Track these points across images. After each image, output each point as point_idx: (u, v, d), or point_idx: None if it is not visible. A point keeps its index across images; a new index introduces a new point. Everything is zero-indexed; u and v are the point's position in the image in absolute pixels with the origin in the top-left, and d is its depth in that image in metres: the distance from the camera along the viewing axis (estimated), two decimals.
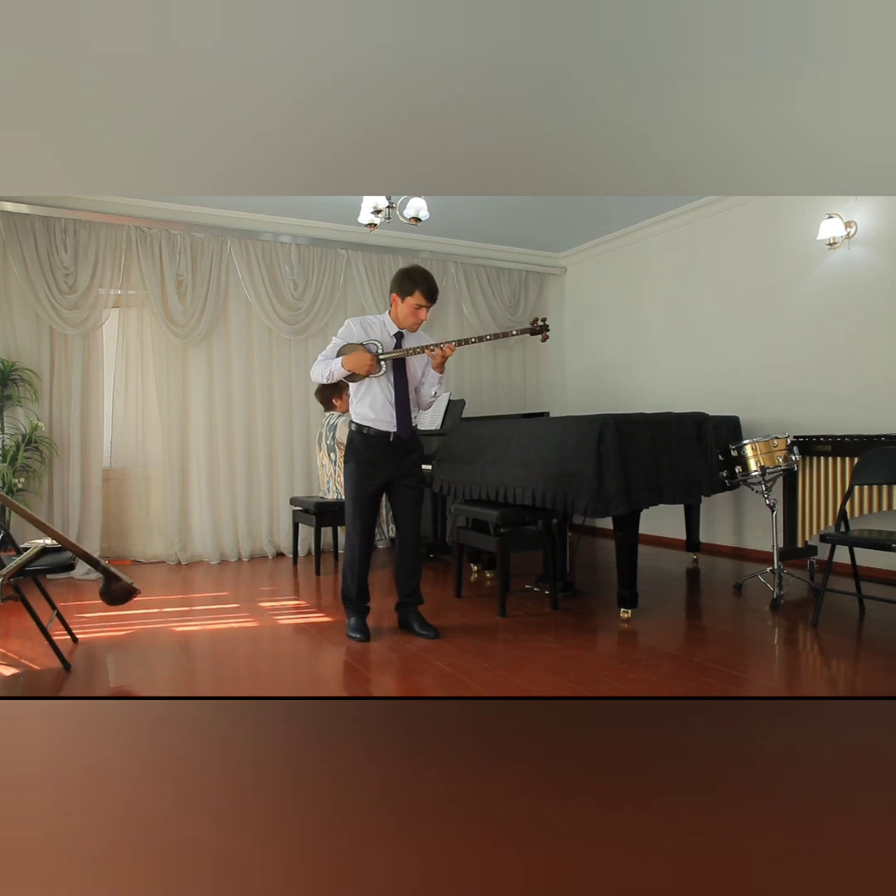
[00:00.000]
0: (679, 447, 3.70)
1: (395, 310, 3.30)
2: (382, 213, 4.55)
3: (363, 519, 3.31)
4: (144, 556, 5.42)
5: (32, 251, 4.84)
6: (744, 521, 5.30)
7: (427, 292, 3.22)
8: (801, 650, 3.17)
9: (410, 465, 3.35)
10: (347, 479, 3.32)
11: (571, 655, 3.05)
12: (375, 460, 3.27)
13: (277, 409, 5.73)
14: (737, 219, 5.30)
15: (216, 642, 3.38)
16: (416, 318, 3.27)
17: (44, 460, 4.89)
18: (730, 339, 5.37)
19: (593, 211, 5.79)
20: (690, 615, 3.83)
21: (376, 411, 3.26)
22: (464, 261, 6.49)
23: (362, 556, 3.33)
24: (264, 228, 5.62)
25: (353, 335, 3.29)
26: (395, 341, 3.31)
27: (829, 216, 4.51)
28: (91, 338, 5.14)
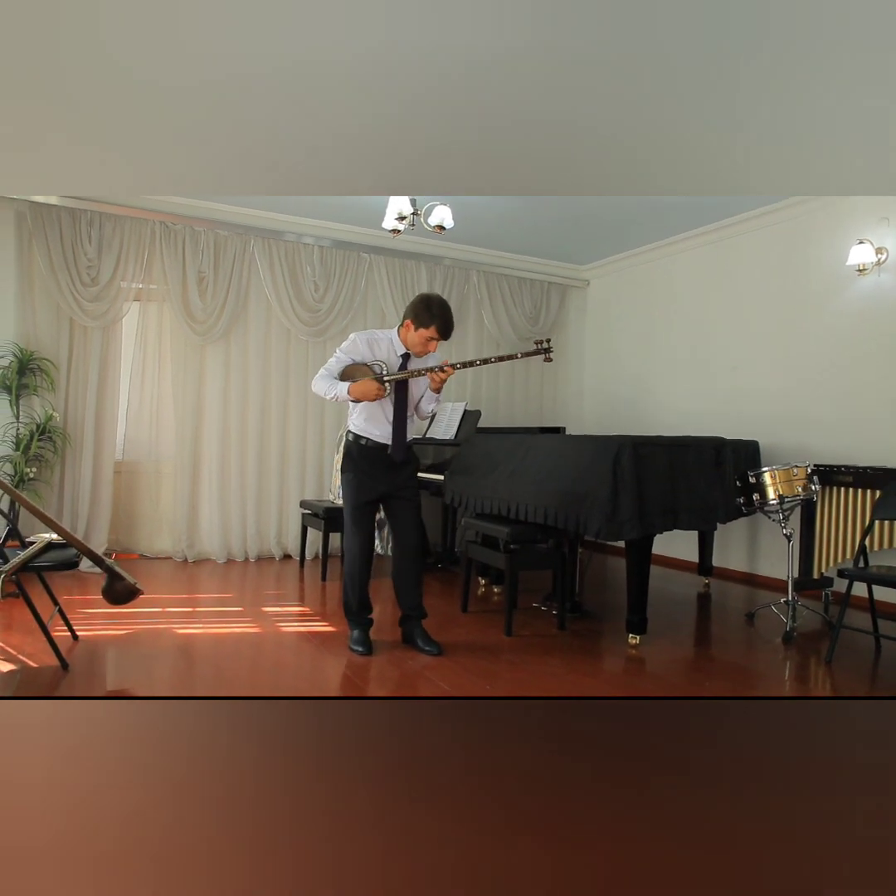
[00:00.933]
0: (697, 472, 3.63)
1: (405, 333, 3.24)
2: (407, 219, 4.51)
3: (361, 530, 3.27)
4: (151, 551, 5.41)
5: (57, 242, 4.85)
6: (758, 548, 5.20)
7: (443, 329, 3.18)
8: (813, 689, 3.09)
9: (407, 478, 3.32)
10: (344, 489, 3.29)
11: (576, 682, 2.98)
12: (372, 471, 3.25)
13: (292, 411, 5.70)
14: (764, 241, 5.21)
15: (217, 648, 3.34)
16: (426, 348, 3.23)
17: (56, 451, 4.88)
18: (752, 362, 5.28)
19: (617, 224, 5.72)
20: (700, 644, 3.76)
21: (374, 426, 3.24)
22: (486, 269, 6.44)
23: (362, 568, 3.29)
24: (288, 229, 5.60)
25: (358, 353, 3.25)
26: (400, 361, 3.26)
27: (860, 241, 4.42)
28: (110, 330, 5.14)
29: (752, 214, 5.21)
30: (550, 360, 3.38)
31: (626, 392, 6.52)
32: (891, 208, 4.37)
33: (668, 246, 6.02)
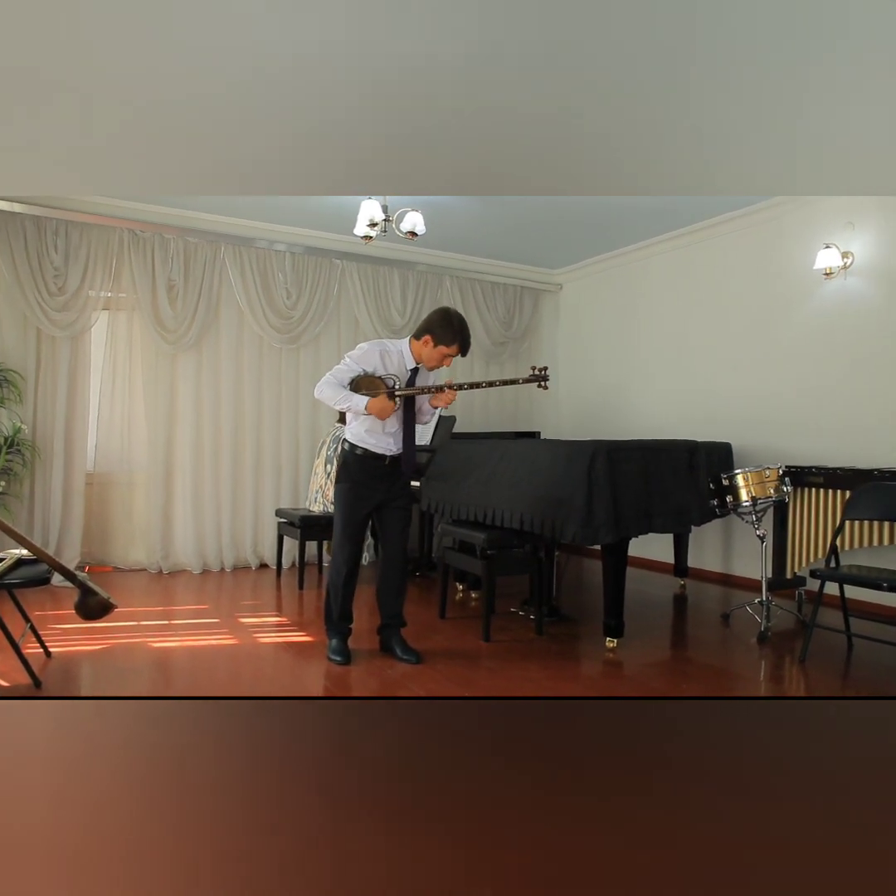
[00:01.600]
0: (671, 475, 3.66)
1: (421, 347, 3.20)
2: (379, 225, 4.50)
3: (352, 541, 3.25)
4: (126, 563, 5.33)
5: (22, 251, 4.77)
6: (732, 548, 5.26)
7: (465, 347, 3.21)
8: (788, 688, 3.13)
9: (401, 488, 3.31)
10: (339, 500, 3.26)
11: (554, 687, 2.99)
12: (370, 482, 3.22)
13: (266, 419, 5.66)
14: (734, 244, 5.28)
15: (194, 660, 3.31)
16: (441, 364, 3.23)
17: (26, 463, 4.80)
18: (724, 364, 5.34)
19: (590, 228, 5.75)
20: (676, 645, 3.79)
21: (374, 438, 3.21)
22: (459, 274, 6.46)
23: (348, 579, 3.27)
24: (259, 235, 5.57)
25: (370, 364, 3.19)
26: (409, 375, 3.25)
27: (827, 246, 4.50)
28: (79, 340, 5.06)
29: (723, 218, 5.28)
30: (546, 388, 3.39)
31: (600, 395, 6.57)
32: (856, 213, 4.45)
33: (640, 250, 6.07)
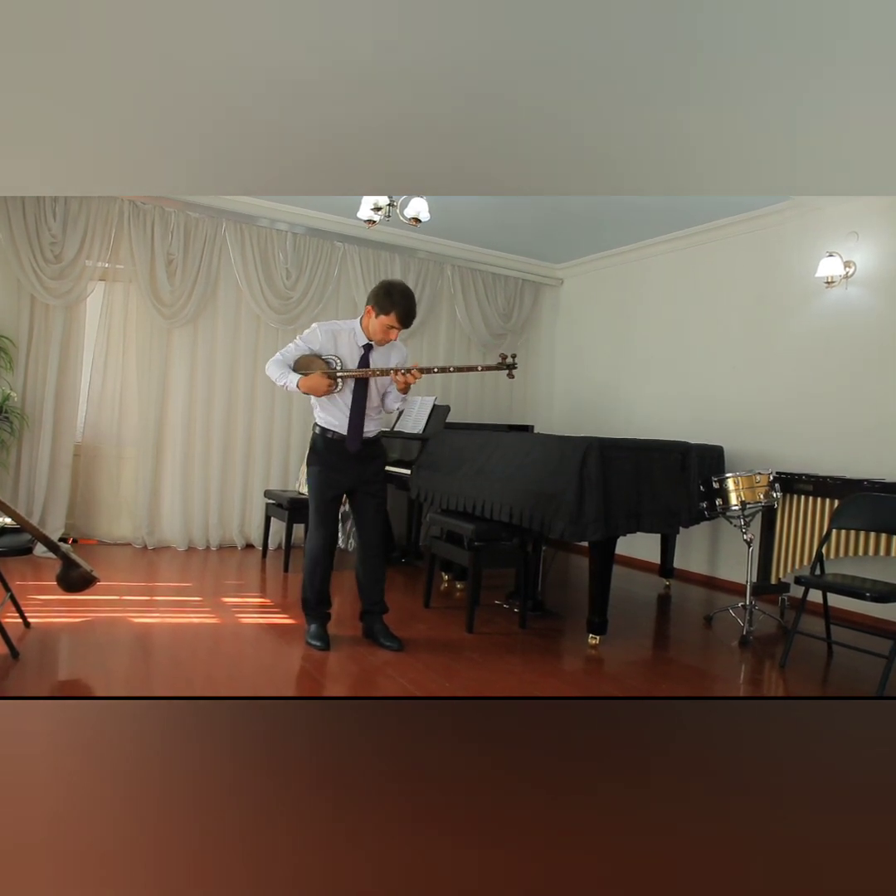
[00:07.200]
0: (662, 476, 3.66)
1: (367, 320, 3.19)
2: (382, 210, 4.46)
3: (325, 523, 3.25)
4: (110, 537, 5.30)
5: (20, 216, 4.70)
6: (719, 551, 5.28)
7: (403, 317, 3.11)
8: (767, 692, 3.14)
9: (373, 473, 3.29)
10: (310, 483, 3.26)
11: (535, 682, 2.99)
12: (338, 465, 3.22)
13: (259, 400, 5.62)
14: (736, 248, 5.27)
15: (174, 638, 3.29)
16: (386, 336, 3.18)
17: (13, 431, 4.75)
18: (720, 367, 5.34)
19: (593, 225, 5.73)
20: (658, 646, 3.80)
21: (335, 418, 3.21)
22: (461, 264, 6.42)
23: (324, 562, 3.26)
24: (261, 214, 5.51)
25: (317, 342, 3.19)
26: (362, 352, 3.21)
27: (830, 254, 4.49)
28: (73, 310, 5.01)
29: (727, 222, 5.26)
30: (513, 377, 3.36)
31: (595, 392, 6.56)
32: (860, 223, 4.44)
33: (642, 249, 6.05)
